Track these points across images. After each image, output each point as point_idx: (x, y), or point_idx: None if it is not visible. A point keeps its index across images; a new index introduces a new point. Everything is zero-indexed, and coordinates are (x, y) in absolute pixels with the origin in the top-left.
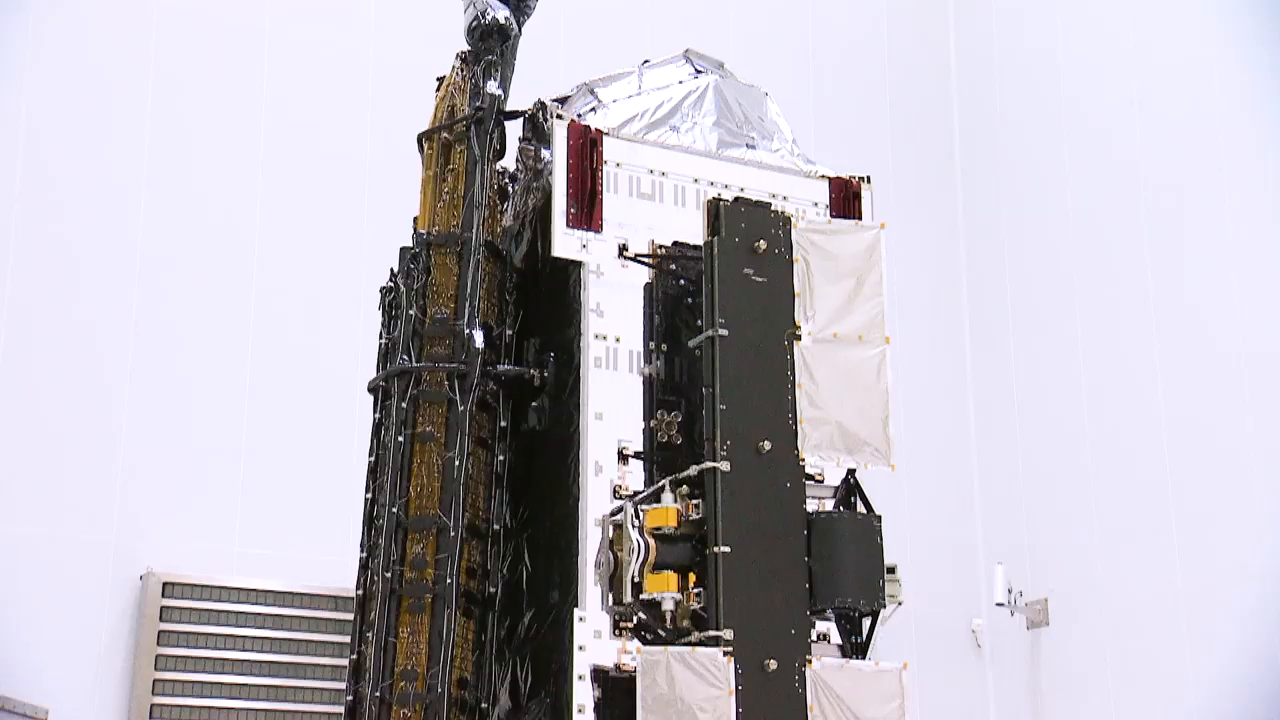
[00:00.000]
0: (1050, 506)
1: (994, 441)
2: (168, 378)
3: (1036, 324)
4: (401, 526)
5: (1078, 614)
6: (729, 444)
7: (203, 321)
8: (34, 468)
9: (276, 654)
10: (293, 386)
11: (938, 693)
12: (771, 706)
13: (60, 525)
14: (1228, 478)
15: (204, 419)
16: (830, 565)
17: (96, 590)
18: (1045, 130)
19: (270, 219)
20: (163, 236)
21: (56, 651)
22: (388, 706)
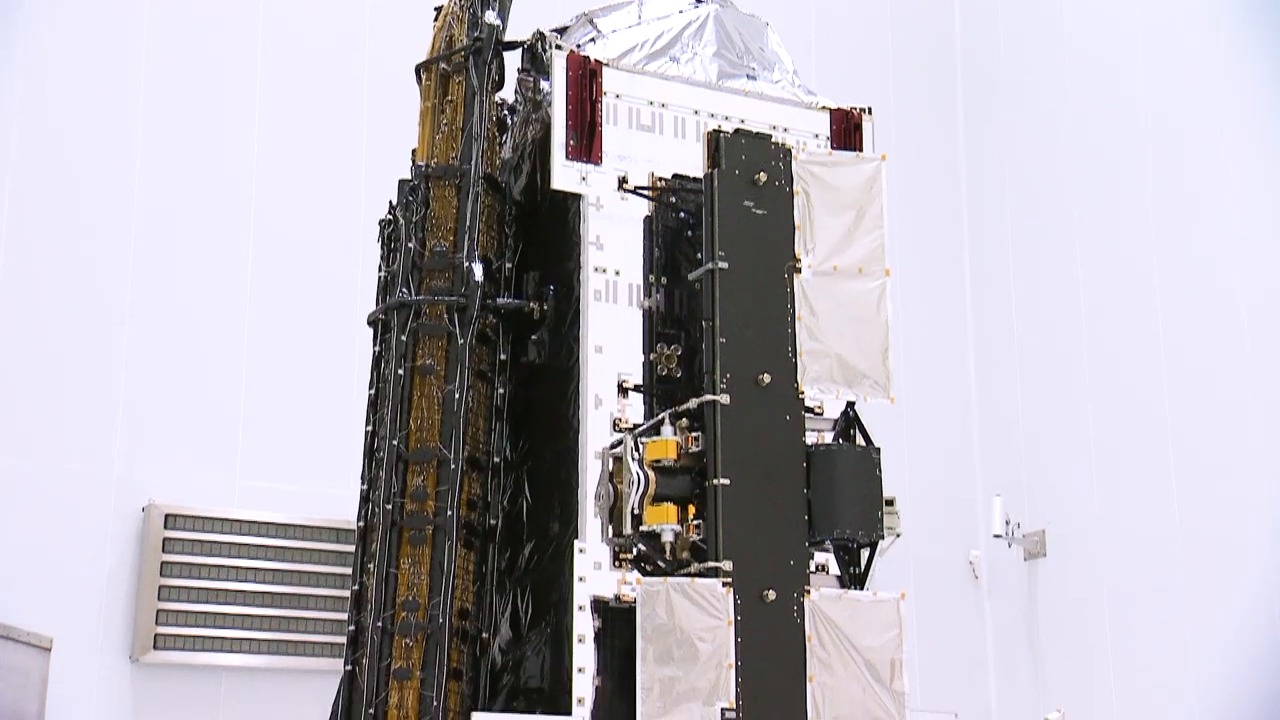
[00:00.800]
0: (1049, 439)
1: (993, 374)
2: (168, 311)
3: (1037, 256)
4: (402, 459)
5: (1075, 546)
6: (728, 377)
7: (202, 255)
8: (35, 400)
9: (279, 585)
10: (293, 320)
11: (935, 623)
12: (770, 636)
13: (62, 458)
14: (1226, 411)
15: (204, 352)
16: (829, 497)
17: (99, 522)
18: (1047, 62)
19: (268, 151)
20: (161, 172)
21: (60, 583)
22: (390, 636)
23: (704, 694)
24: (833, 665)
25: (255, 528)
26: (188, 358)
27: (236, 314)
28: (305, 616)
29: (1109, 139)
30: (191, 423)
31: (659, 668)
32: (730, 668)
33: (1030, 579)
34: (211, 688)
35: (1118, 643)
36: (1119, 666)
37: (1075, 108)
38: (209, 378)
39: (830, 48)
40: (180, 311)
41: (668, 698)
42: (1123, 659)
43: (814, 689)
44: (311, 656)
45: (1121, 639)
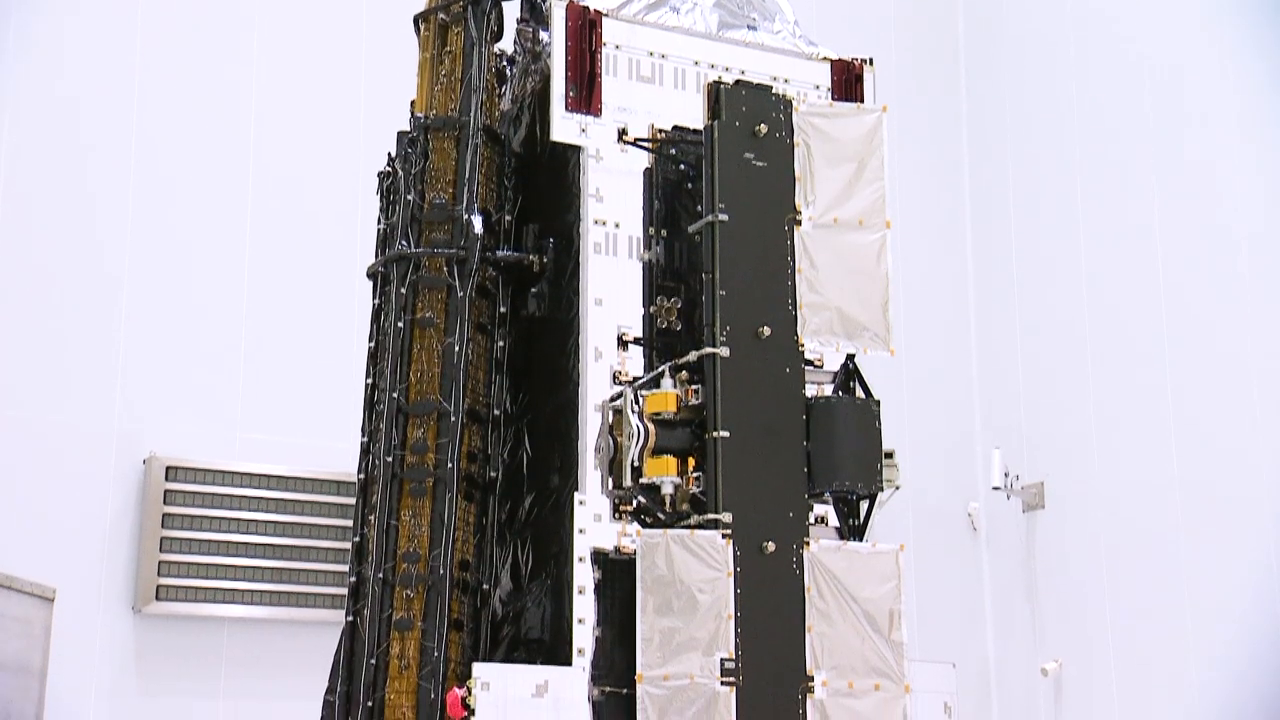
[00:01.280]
0: (1048, 391)
1: (993, 326)
2: (167, 262)
3: (1038, 209)
4: (402, 411)
5: (1073, 498)
6: (728, 329)
7: (201, 208)
8: (35, 353)
9: (280, 537)
10: (292, 272)
11: (933, 574)
12: (769, 587)
13: (63, 411)
14: (1226, 364)
15: (204, 304)
16: (829, 449)
17: (100, 474)
18: (1049, 12)
19: (266, 105)
20: (159, 126)
21: (62, 535)
22: (391, 588)
23: (703, 644)
24: (831, 616)
25: (256, 480)
26: (188, 311)
27: (236, 267)
28: (306, 568)
29: (1111, 90)
30: (192, 376)
31: (659, 619)
32: (729, 619)
33: (1029, 531)
34: (214, 639)
35: (1115, 594)
36: (1116, 618)
37: (1077, 59)
38: (209, 331)
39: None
40: (180, 265)
41: (667, 648)
42: (1120, 611)
43: (813, 640)
44: (313, 608)
45: (1119, 591)
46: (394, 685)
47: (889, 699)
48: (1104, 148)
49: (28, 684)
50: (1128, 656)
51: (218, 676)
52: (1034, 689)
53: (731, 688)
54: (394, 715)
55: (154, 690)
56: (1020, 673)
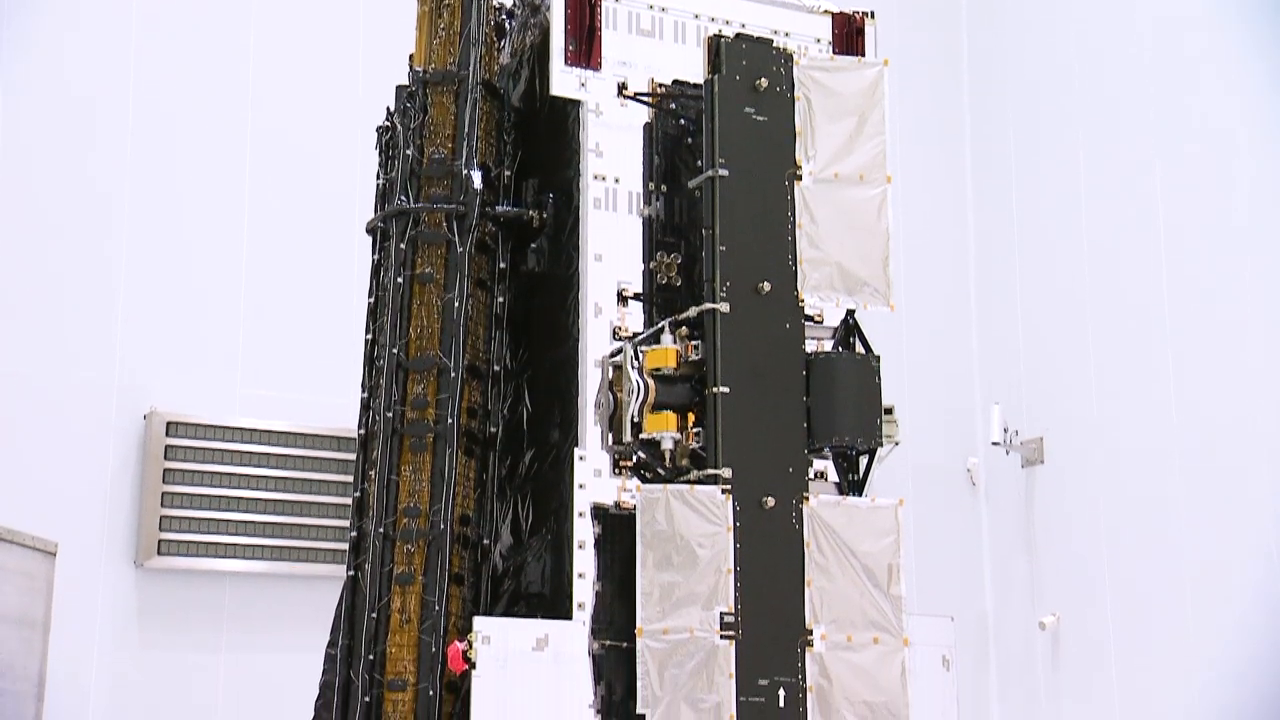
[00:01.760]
0: (1048, 346)
1: (993, 282)
2: (167, 217)
3: (1039, 164)
4: (402, 367)
5: (1073, 453)
6: (728, 285)
7: (200, 163)
8: (35, 308)
9: (281, 492)
10: (292, 227)
11: (932, 529)
12: (769, 542)
13: (63, 365)
14: (1226, 320)
15: (204, 259)
16: (828, 405)
17: (101, 429)
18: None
19: (265, 58)
20: (158, 78)
21: (64, 489)
22: (391, 542)
23: (703, 599)
24: (831, 570)
25: (257, 436)
26: (188, 266)
27: (235, 222)
28: (308, 523)
29: (1113, 45)
30: (192, 331)
31: (658, 573)
32: (729, 573)
33: (1028, 486)
34: (215, 593)
35: (1114, 549)
36: (1115, 573)
37: (1080, 13)
38: (209, 286)
39: None
40: (179, 219)
41: (667, 602)
42: (1118, 564)
43: (812, 594)
44: (314, 563)
45: (1117, 545)
46: (395, 639)
47: (887, 652)
48: (1107, 103)
49: (30, 637)
50: (1126, 610)
51: (219, 630)
52: (1032, 642)
53: (731, 641)
54: (395, 668)
55: (156, 644)
56: (1018, 626)
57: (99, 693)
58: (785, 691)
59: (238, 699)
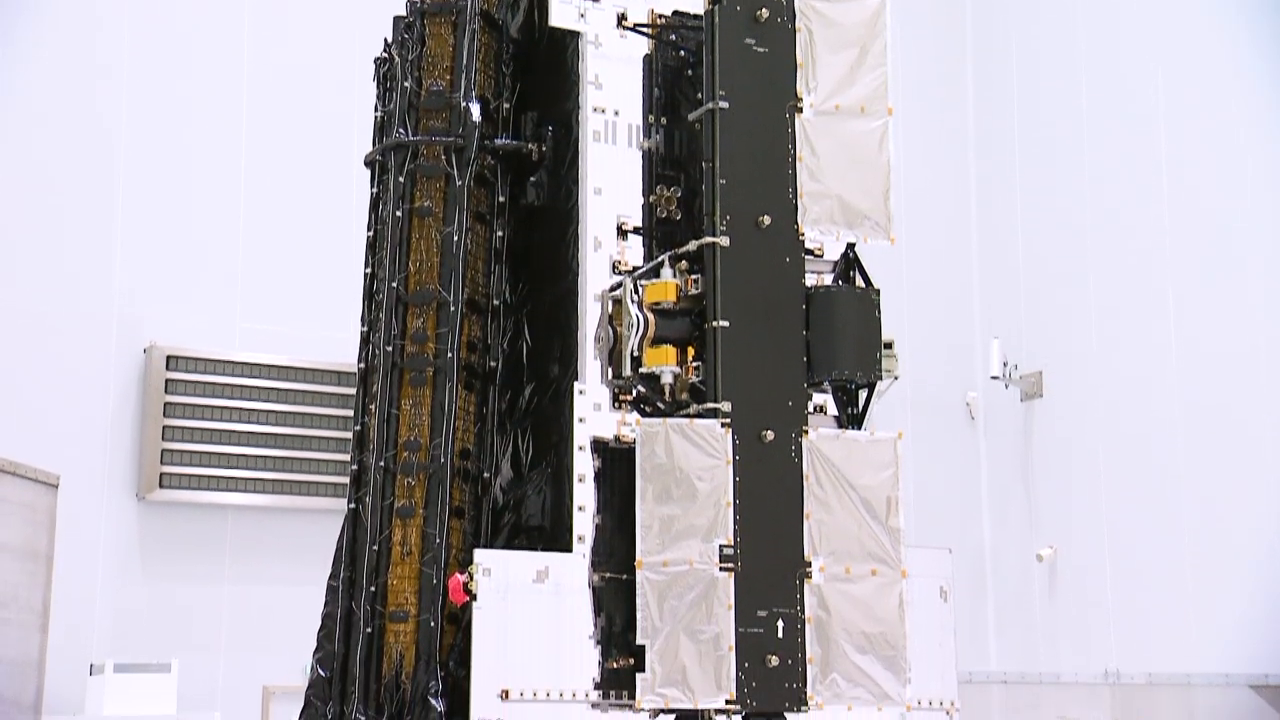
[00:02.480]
0: (1048, 281)
1: (994, 215)
2: (165, 152)
3: (1041, 97)
4: (401, 301)
5: (1071, 387)
6: (728, 218)
7: (199, 97)
8: (34, 243)
9: (281, 427)
10: (290, 160)
11: (931, 462)
12: (768, 475)
13: (62, 299)
14: (1227, 255)
15: (202, 193)
16: (828, 339)
17: (101, 363)
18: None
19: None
20: (157, 13)
21: (66, 422)
22: (392, 476)
23: (702, 531)
24: (830, 503)
25: (257, 370)
26: (186, 200)
27: (233, 155)
28: (308, 457)
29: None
30: (191, 265)
31: (658, 506)
32: (728, 506)
33: (1026, 420)
34: (218, 526)
35: (1111, 483)
36: (1112, 506)
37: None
38: (207, 220)
39: None
40: (178, 154)
41: (666, 535)
42: (1115, 497)
43: (811, 526)
44: (315, 496)
45: (1114, 478)
46: (396, 571)
47: (886, 584)
48: (1108, 37)
49: (34, 568)
50: (1122, 542)
51: (222, 562)
52: (1029, 574)
53: (730, 573)
54: (396, 600)
55: (158, 575)
56: (1015, 558)
57: (102, 624)
58: (784, 623)
59: (240, 630)
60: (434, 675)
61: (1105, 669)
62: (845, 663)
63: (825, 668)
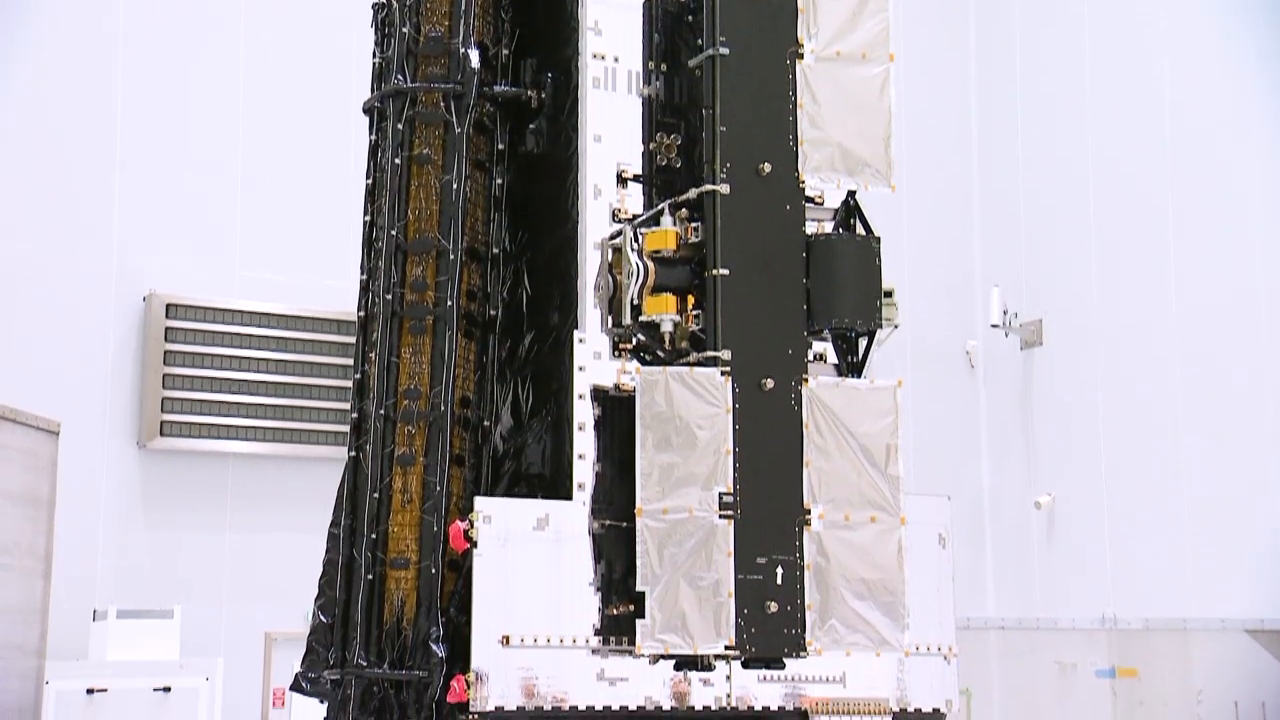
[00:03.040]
0: (1048, 229)
1: (995, 163)
2: (164, 100)
3: (1043, 43)
4: (401, 249)
5: (1071, 335)
6: (729, 166)
7: (197, 44)
8: (33, 190)
9: (282, 375)
10: (289, 107)
11: (931, 410)
12: (768, 423)
13: (62, 248)
14: (1228, 205)
15: (202, 142)
16: (828, 287)
17: (101, 311)
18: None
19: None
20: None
21: (66, 370)
22: (392, 424)
23: (702, 479)
24: (829, 451)
25: (256, 318)
26: (185, 148)
27: (232, 103)
28: (309, 405)
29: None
30: (189, 213)
31: (658, 454)
32: (728, 454)
33: (1026, 368)
34: (219, 474)
35: (1110, 430)
36: (1110, 453)
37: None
38: (205, 168)
39: None
40: (177, 102)
41: (666, 483)
42: (1114, 446)
43: (810, 474)
44: (316, 444)
45: (1113, 426)
46: (397, 518)
47: (885, 531)
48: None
49: (36, 514)
50: (1120, 489)
51: (223, 510)
52: (1027, 521)
53: (729, 521)
54: (397, 547)
55: (160, 523)
56: (1014, 505)
57: (105, 571)
58: (783, 569)
59: (241, 577)
60: (435, 621)
61: (1102, 615)
62: (844, 609)
63: (824, 614)
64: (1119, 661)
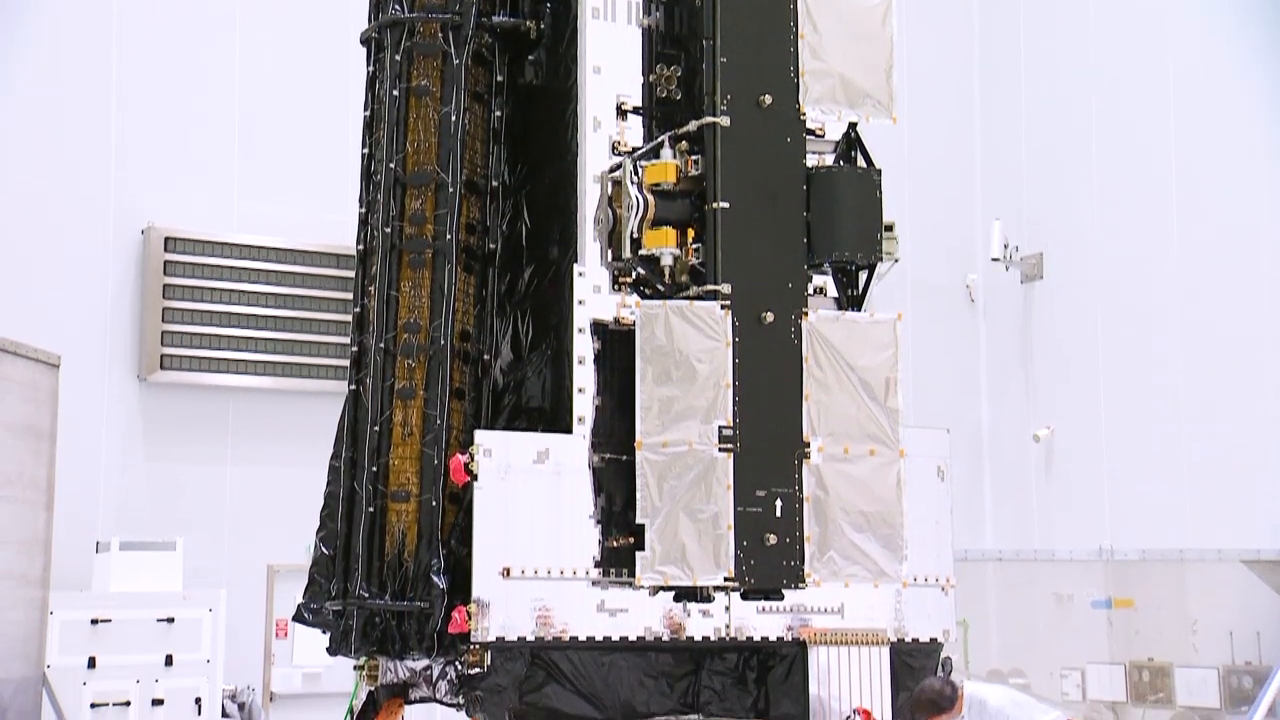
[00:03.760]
0: (1050, 162)
1: (997, 97)
2: (162, 33)
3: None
4: (399, 182)
5: (1072, 269)
6: (729, 98)
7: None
8: (31, 124)
9: (281, 309)
10: (287, 39)
11: (931, 344)
12: (767, 357)
13: (61, 182)
14: (1230, 138)
15: (199, 74)
16: (829, 219)
17: (99, 245)
18: None
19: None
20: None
21: (66, 303)
22: (392, 357)
23: (702, 412)
24: (829, 384)
25: (255, 252)
26: (182, 80)
27: (229, 35)
28: (308, 339)
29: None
30: (187, 146)
31: (658, 388)
32: (727, 387)
33: (1026, 301)
34: (220, 407)
35: (1109, 363)
36: (1109, 386)
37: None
38: (203, 100)
39: None
40: (174, 35)
41: (666, 416)
42: (1113, 378)
43: (810, 407)
44: (316, 378)
45: (1113, 359)
46: (397, 451)
47: (884, 463)
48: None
49: (38, 447)
50: (1118, 422)
51: (224, 443)
52: (1025, 454)
53: (729, 454)
54: (398, 480)
55: (161, 456)
56: (1012, 438)
57: (107, 503)
58: (782, 502)
59: (243, 510)
60: (436, 553)
61: (1099, 546)
62: (842, 540)
63: (823, 546)
64: (1115, 592)
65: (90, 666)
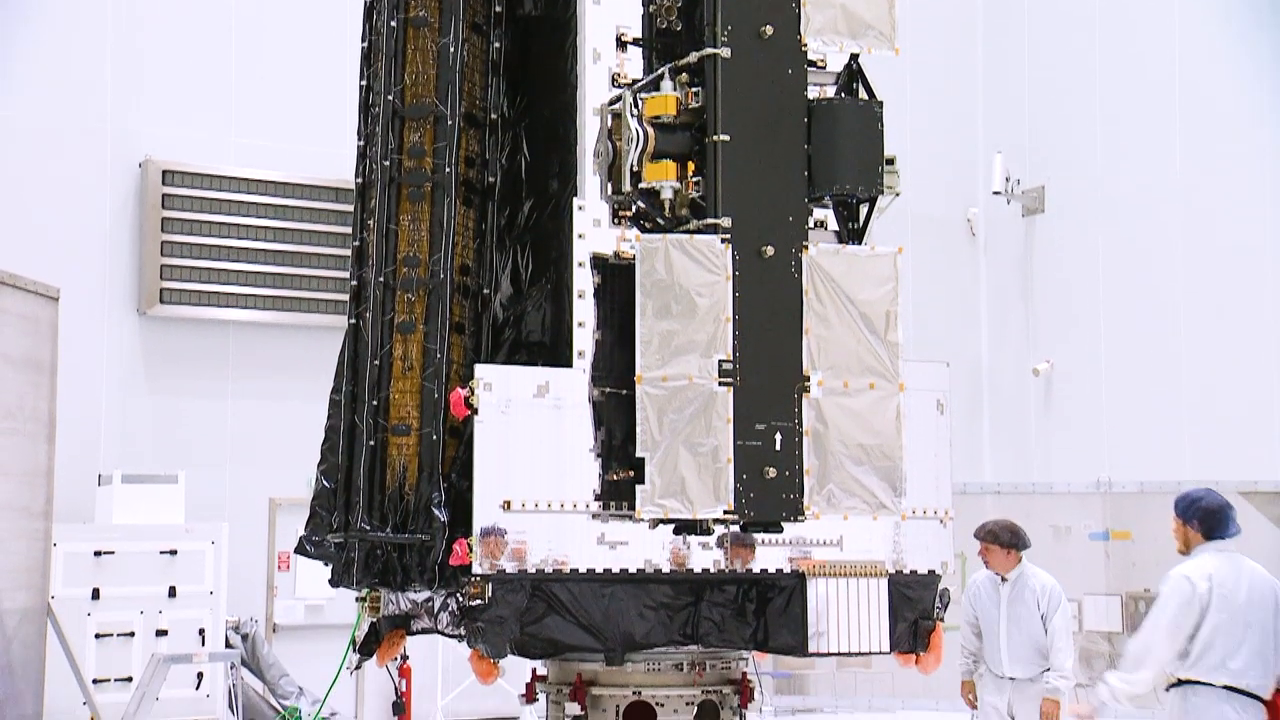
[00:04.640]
0: (1052, 95)
1: (1000, 28)
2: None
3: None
4: (398, 115)
5: (1074, 202)
6: (730, 29)
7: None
8: (30, 58)
9: (280, 243)
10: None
11: (931, 278)
12: (768, 291)
13: (58, 114)
14: (1234, 70)
15: (196, 5)
16: (829, 152)
17: (97, 177)
18: None
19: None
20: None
21: (64, 236)
22: (392, 291)
23: (702, 346)
24: (829, 318)
25: (253, 186)
26: (179, 11)
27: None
28: (308, 274)
29: None
30: (184, 78)
31: (657, 322)
32: (728, 321)
33: (1027, 235)
34: (219, 341)
35: (1109, 297)
36: (1109, 320)
37: None
38: (200, 32)
39: None
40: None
41: (666, 350)
42: (1113, 312)
43: (810, 341)
44: (315, 313)
45: (1113, 294)
46: (398, 385)
47: (883, 397)
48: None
49: (38, 379)
50: (1117, 356)
51: (224, 377)
52: (1025, 388)
53: (729, 388)
54: (398, 414)
55: (162, 390)
56: (1012, 372)
57: (108, 436)
58: (781, 436)
59: (244, 443)
60: (436, 487)
61: (1097, 479)
62: (842, 474)
63: (822, 479)
64: (1113, 525)
65: (94, 598)
